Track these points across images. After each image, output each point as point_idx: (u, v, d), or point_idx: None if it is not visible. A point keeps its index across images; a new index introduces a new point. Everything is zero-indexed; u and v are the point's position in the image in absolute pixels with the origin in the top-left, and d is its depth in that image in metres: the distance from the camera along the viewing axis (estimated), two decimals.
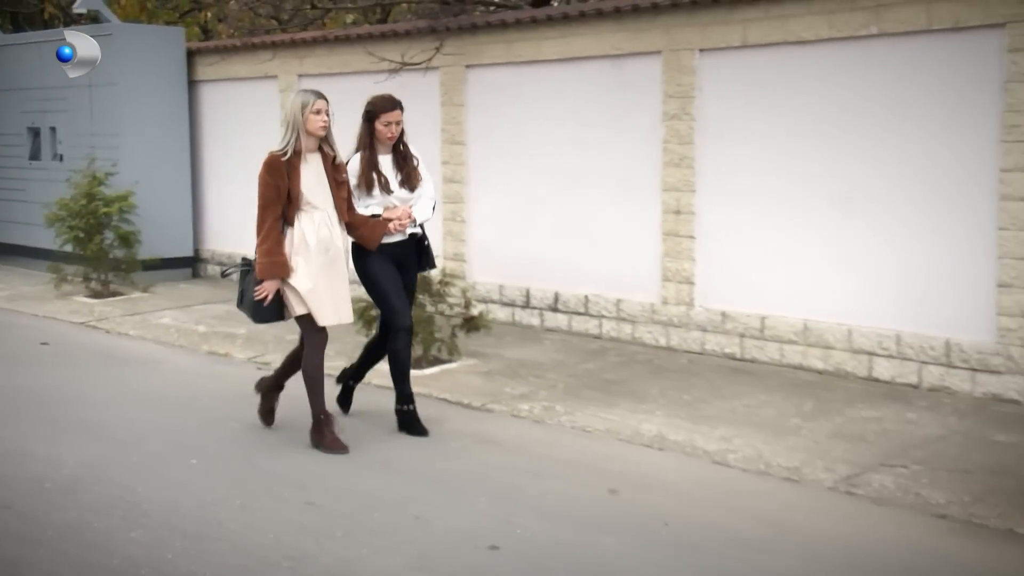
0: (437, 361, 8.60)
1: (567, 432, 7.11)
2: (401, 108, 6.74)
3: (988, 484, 6.03)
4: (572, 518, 5.52)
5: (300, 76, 12.33)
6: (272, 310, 6.41)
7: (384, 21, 13.66)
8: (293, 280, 6.30)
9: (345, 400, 7.26)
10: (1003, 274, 7.50)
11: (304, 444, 6.53)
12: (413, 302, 7.12)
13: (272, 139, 6.61)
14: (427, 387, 8.01)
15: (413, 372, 8.37)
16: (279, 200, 6.26)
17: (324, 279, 6.35)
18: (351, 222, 6.58)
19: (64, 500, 5.60)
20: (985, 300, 7.64)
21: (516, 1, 13.01)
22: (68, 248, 11.84)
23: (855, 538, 5.38)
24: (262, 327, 7.70)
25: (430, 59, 10.57)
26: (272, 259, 6.25)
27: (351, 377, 7.27)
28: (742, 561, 5.03)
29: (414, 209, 6.77)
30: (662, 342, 9.28)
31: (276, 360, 8.88)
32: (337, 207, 6.42)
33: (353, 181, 6.69)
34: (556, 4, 11.54)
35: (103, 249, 11.75)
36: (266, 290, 6.29)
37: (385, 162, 6.75)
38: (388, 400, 7.07)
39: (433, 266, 7.13)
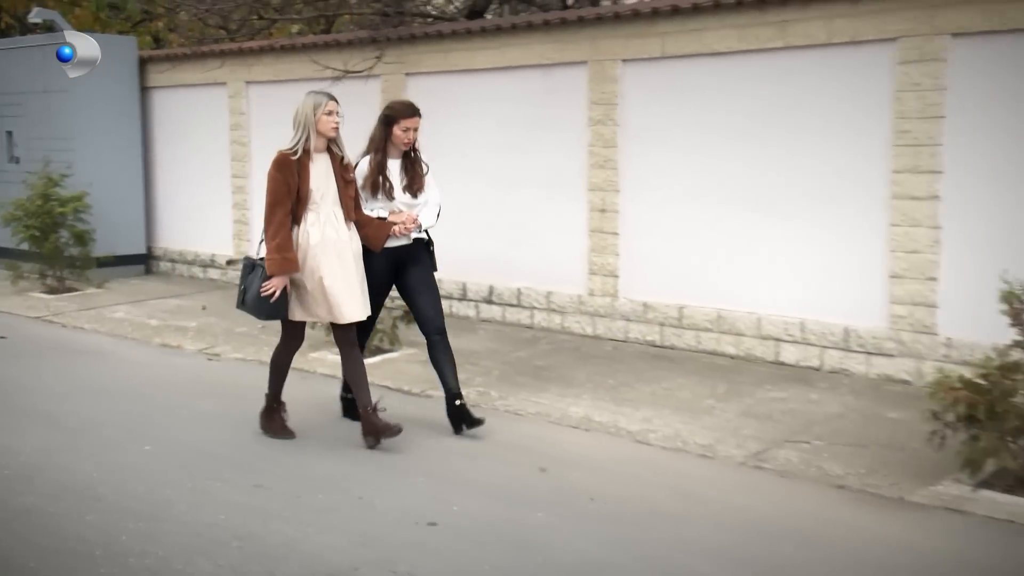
0: (379, 351, 8.60)
1: (500, 415, 7.11)
2: (419, 115, 6.55)
3: (881, 457, 6.19)
4: (505, 495, 5.55)
5: (248, 83, 12.25)
6: (278, 306, 6.11)
7: (328, 32, 13.58)
8: (300, 280, 6.09)
9: (462, 415, 6.59)
10: (895, 266, 7.65)
11: (253, 431, 6.48)
12: (439, 295, 6.73)
13: (222, 143, 6.65)
14: (370, 375, 7.97)
15: None
16: (289, 197, 6.02)
17: (332, 275, 6.09)
18: (358, 221, 6.32)
19: (21, 486, 5.54)
20: (879, 290, 7.79)
21: (452, 14, 12.99)
22: (25, 246, 11.62)
23: (763, 508, 5.49)
24: (213, 320, 7.58)
25: (371, 67, 10.55)
26: (283, 255, 5.99)
27: (449, 394, 6.68)
28: (661, 531, 5.11)
29: (419, 215, 6.53)
30: (589, 331, 9.34)
31: (226, 351, 8.91)
32: (345, 206, 6.18)
33: (360, 183, 6.47)
34: (490, 17, 11.50)
35: (58, 247, 11.59)
36: (275, 286, 6.01)
37: (394, 167, 6.54)
38: (331, 388, 7.07)
39: (435, 269, 6.72)
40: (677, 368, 8.24)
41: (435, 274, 6.71)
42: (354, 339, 6.33)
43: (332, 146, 6.19)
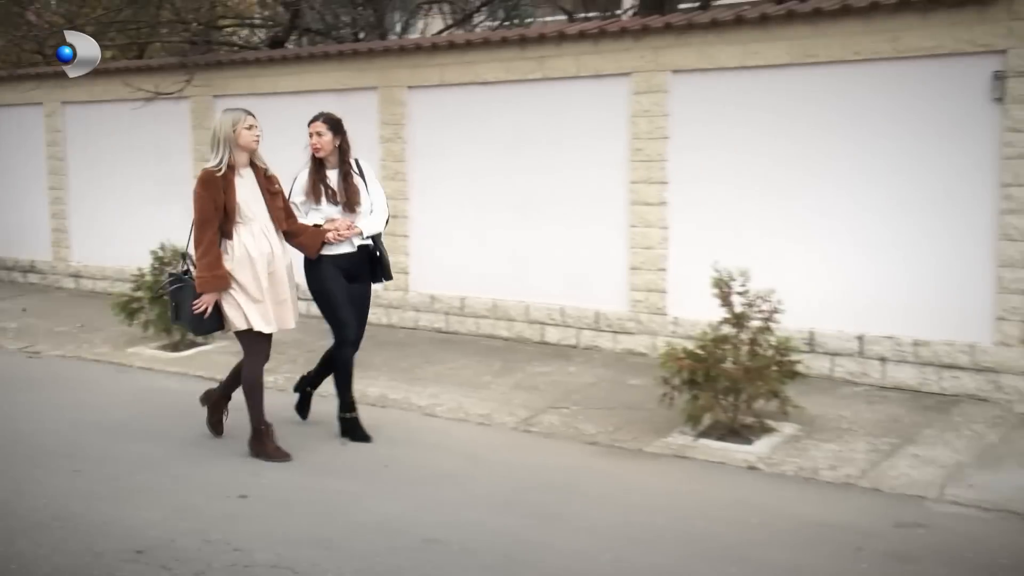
0: (193, 344, 8.48)
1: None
2: (328, 123, 5.97)
3: (625, 416, 6.46)
4: (310, 467, 5.54)
5: (63, 103, 11.77)
6: (211, 322, 5.54)
7: (140, 57, 13.19)
8: (235, 293, 5.49)
9: (303, 407, 6.40)
10: (634, 259, 8.04)
11: (71, 419, 6.28)
12: (367, 312, 6.19)
13: (39, 158, 6.32)
14: (185, 367, 7.95)
15: (172, 354, 8.29)
16: (216, 215, 5.40)
17: (267, 288, 5.54)
18: (291, 230, 5.74)
19: None
20: (622, 280, 8.13)
21: (257, 43, 12.84)
22: None
23: (532, 463, 5.71)
24: (33, 321, 7.19)
25: (181, 90, 10.34)
26: (213, 273, 5.39)
27: (309, 384, 6.39)
28: (449, 490, 5.23)
29: (361, 222, 5.89)
30: (384, 321, 9.39)
31: (46, 349, 8.60)
32: (274, 217, 5.58)
33: (300, 193, 5.90)
34: (291, 46, 11.44)
35: None
36: (205, 303, 5.43)
37: (332, 176, 5.95)
38: (151, 381, 6.95)
39: (389, 278, 6.17)
40: (460, 350, 8.38)
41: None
42: (261, 355, 5.75)
43: (255, 160, 5.64)
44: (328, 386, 6.22)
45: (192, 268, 5.53)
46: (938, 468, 5.53)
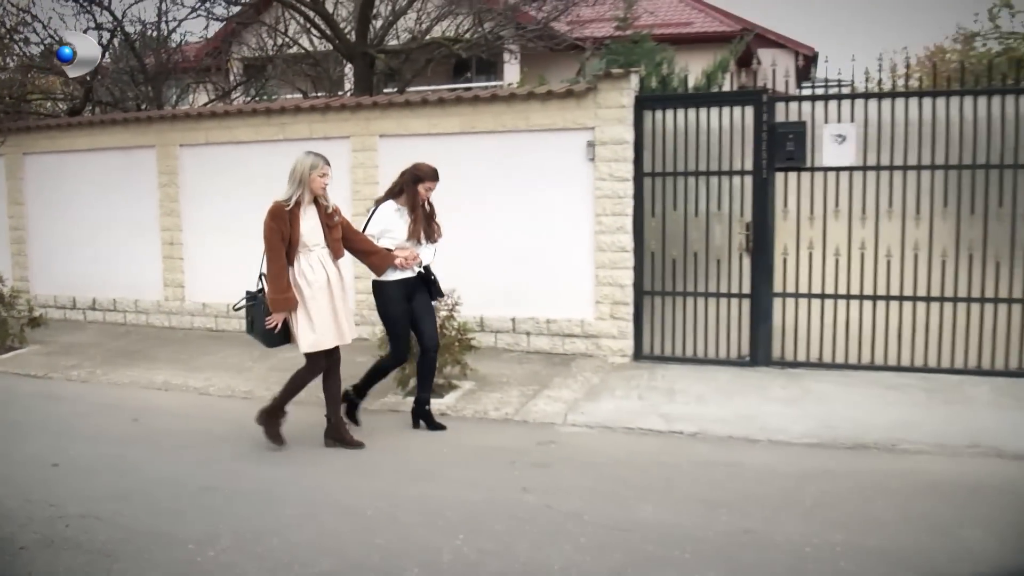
0: (10, 348, 8.04)
1: (104, 386, 6.93)
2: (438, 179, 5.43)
3: (351, 384, 6.16)
4: (109, 440, 5.43)
5: None
6: (281, 337, 5.03)
7: None
8: (299, 314, 4.98)
9: (352, 413, 5.73)
10: (356, 270, 7.84)
11: None
12: (435, 318, 5.61)
13: None
14: (3, 367, 7.51)
15: None
16: (283, 243, 4.89)
17: (322, 308, 5.01)
18: (362, 248, 5.24)
19: None
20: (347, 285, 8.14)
21: (59, 111, 12.02)
22: None
23: (286, 424, 5.32)
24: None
25: None
26: (283, 295, 4.91)
27: (420, 399, 5.65)
28: (218, 449, 5.14)
29: (422, 252, 5.41)
30: (166, 324, 9.17)
31: None
32: (331, 247, 5.06)
33: (404, 232, 5.31)
34: (87, 114, 10.88)
35: None
36: (276, 320, 4.95)
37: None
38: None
39: (442, 295, 5.61)
40: (227, 344, 8.21)
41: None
42: (337, 358, 5.25)
43: (319, 198, 5.08)
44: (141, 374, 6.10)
45: (265, 288, 5.07)
46: (563, 403, 5.94)
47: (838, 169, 6.75)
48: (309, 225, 5.00)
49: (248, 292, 5.19)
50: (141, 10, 41.97)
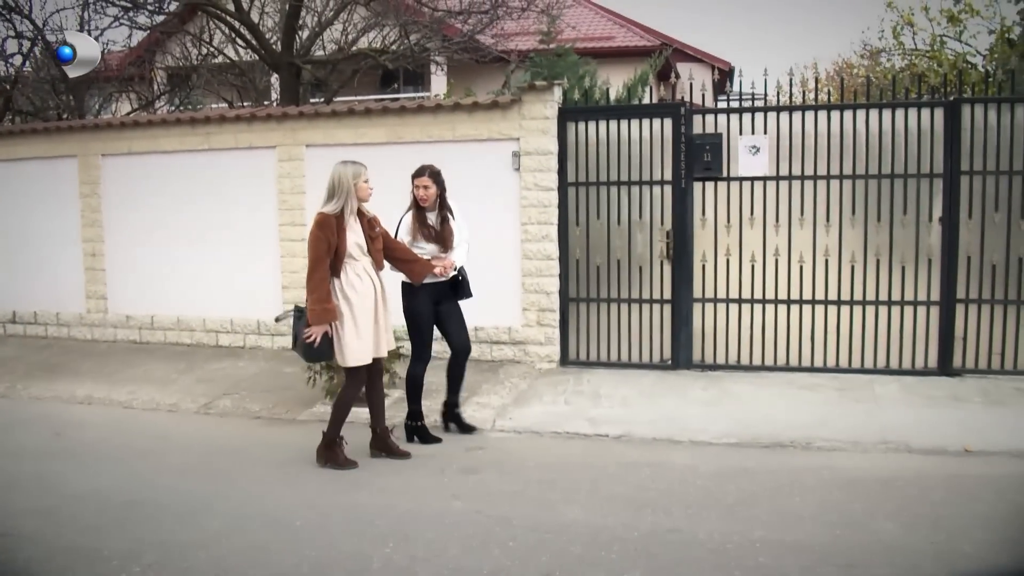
0: None
1: (26, 400, 6.76)
2: (432, 177, 5.28)
3: (282, 396, 6.54)
4: (30, 455, 5.28)
5: None
6: (322, 350, 4.79)
7: None
8: (341, 327, 4.76)
9: (456, 420, 5.64)
10: (284, 280, 7.95)
11: None
12: (464, 321, 5.52)
13: None
14: None
15: None
16: (329, 254, 4.69)
17: (367, 321, 4.83)
18: (402, 257, 5.09)
19: None
20: (276, 295, 7.88)
21: None
22: None
23: (211, 436, 5.62)
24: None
25: None
26: (323, 307, 4.68)
27: (449, 402, 5.65)
28: (142, 462, 5.07)
29: (455, 256, 5.33)
30: (88, 337, 8.87)
31: None
32: (374, 258, 4.91)
33: (405, 232, 5.29)
34: (7, 123, 10.41)
35: None
36: (315, 333, 4.70)
37: (431, 218, 5.33)
38: None
39: (470, 295, 5.47)
40: (152, 357, 8.06)
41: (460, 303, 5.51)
42: (380, 369, 5.13)
43: (361, 207, 4.91)
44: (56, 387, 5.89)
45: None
46: (491, 409, 5.98)
47: (753, 179, 6.96)
48: (355, 235, 4.84)
49: (297, 306, 4.98)
50: (63, 19, 40.63)
